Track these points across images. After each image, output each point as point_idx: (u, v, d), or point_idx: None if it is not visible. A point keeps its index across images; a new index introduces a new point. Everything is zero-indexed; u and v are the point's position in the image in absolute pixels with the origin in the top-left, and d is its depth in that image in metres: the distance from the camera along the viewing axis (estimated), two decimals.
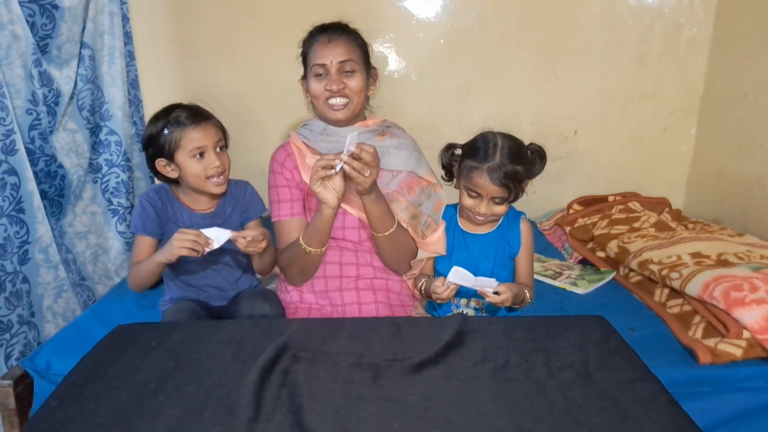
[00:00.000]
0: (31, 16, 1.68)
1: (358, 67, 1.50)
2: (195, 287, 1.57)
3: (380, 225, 1.46)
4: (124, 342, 1.28)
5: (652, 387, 1.10)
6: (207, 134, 1.45)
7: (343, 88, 1.48)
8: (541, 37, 2.47)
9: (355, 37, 1.53)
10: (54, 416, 1.03)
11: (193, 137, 1.43)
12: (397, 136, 1.61)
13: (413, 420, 1.01)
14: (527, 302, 1.49)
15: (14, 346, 1.63)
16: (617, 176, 2.64)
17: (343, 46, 1.49)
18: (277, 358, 1.17)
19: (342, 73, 1.48)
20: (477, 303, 1.53)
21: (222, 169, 1.47)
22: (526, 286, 1.49)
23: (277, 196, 1.56)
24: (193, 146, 1.43)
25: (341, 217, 1.54)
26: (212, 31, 2.45)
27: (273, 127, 2.56)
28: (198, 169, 1.44)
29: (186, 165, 1.44)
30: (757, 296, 1.47)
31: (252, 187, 1.63)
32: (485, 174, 1.39)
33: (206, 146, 1.44)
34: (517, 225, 1.52)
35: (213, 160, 1.45)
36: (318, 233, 1.45)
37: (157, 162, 1.47)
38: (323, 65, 1.48)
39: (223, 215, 1.55)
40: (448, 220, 1.55)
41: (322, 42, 1.49)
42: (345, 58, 1.48)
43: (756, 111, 2.18)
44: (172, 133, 1.43)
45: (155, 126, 1.46)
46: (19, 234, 1.65)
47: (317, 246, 1.46)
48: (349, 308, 1.54)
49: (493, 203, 1.43)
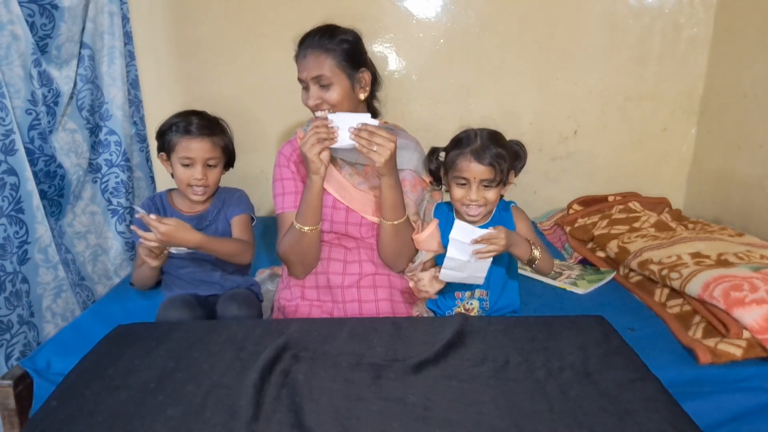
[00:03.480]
0: (31, 16, 1.68)
1: (334, 78, 1.46)
2: (187, 281, 1.62)
3: (392, 213, 1.46)
4: (124, 342, 1.28)
5: (652, 387, 1.10)
6: (200, 149, 1.53)
7: (320, 103, 1.47)
8: (541, 37, 2.47)
9: (333, 47, 1.47)
10: (54, 416, 1.03)
11: (185, 146, 1.53)
12: (401, 137, 1.62)
13: (413, 420, 1.01)
14: (537, 256, 1.43)
15: (14, 346, 1.63)
16: (617, 176, 2.64)
17: (314, 59, 1.45)
18: (277, 358, 1.17)
19: (319, 87, 1.47)
20: (481, 293, 1.53)
21: (203, 184, 1.55)
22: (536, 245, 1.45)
23: (282, 188, 1.57)
24: (183, 154, 1.53)
25: (344, 213, 1.56)
26: (212, 32, 2.45)
27: (272, 128, 2.56)
28: (182, 175, 1.55)
29: (175, 167, 1.56)
30: (757, 296, 1.47)
31: (243, 193, 1.68)
32: (470, 156, 1.40)
33: (194, 159, 1.53)
34: (508, 213, 1.53)
35: (196, 172, 1.54)
36: (310, 208, 1.45)
37: (159, 154, 1.59)
38: (302, 80, 1.49)
39: (208, 218, 1.62)
40: (444, 219, 1.55)
41: (301, 55, 1.49)
42: (316, 74, 1.45)
43: (756, 111, 2.18)
44: (173, 135, 1.54)
45: (168, 122, 1.57)
46: (18, 234, 1.65)
47: (311, 223, 1.47)
48: (350, 305, 1.55)
49: (483, 188, 1.42)
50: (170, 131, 1.54)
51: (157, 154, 1.61)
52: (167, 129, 1.55)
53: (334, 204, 1.56)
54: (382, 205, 1.47)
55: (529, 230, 1.52)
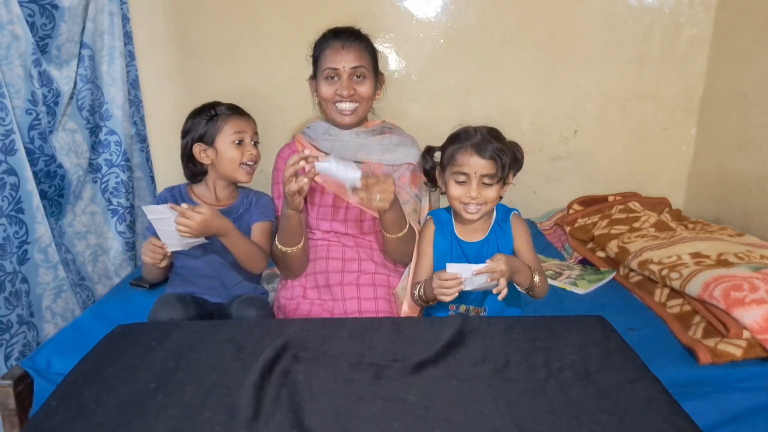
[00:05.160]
0: (31, 16, 1.68)
1: (368, 73, 1.53)
2: (189, 281, 1.58)
3: (394, 228, 1.47)
4: (124, 342, 1.28)
5: (652, 387, 1.10)
6: (248, 124, 1.56)
7: (353, 93, 1.51)
8: (541, 37, 2.47)
9: (367, 44, 1.56)
10: (54, 416, 1.03)
11: (236, 123, 1.54)
12: (398, 134, 1.66)
13: (413, 420, 1.01)
14: (537, 284, 1.40)
15: (14, 346, 1.63)
16: (617, 176, 2.64)
17: (355, 52, 1.52)
18: (277, 358, 1.17)
19: (353, 78, 1.51)
20: (476, 311, 1.50)
21: (255, 159, 1.56)
22: (536, 271, 1.42)
23: (280, 191, 1.57)
24: (234, 131, 1.53)
25: (343, 210, 1.57)
26: (212, 32, 2.44)
27: (272, 128, 2.54)
28: (235, 154, 1.53)
29: (225, 149, 1.53)
30: (757, 296, 1.47)
31: (270, 199, 1.66)
32: (470, 149, 1.37)
33: (246, 134, 1.54)
34: (507, 225, 1.47)
35: (250, 148, 1.55)
36: (288, 235, 1.49)
37: (195, 146, 1.54)
38: (335, 69, 1.51)
39: (233, 213, 1.57)
40: (444, 226, 1.51)
41: (336, 47, 1.52)
42: (357, 65, 1.51)
43: (756, 111, 2.18)
44: (216, 119, 1.54)
45: (199, 115, 1.55)
46: (18, 234, 1.65)
47: (293, 244, 1.50)
48: (349, 303, 1.55)
49: (483, 185, 1.37)
50: (206, 120, 1.52)
51: (185, 150, 1.55)
52: (201, 120, 1.53)
53: (334, 203, 1.56)
54: (383, 224, 1.47)
55: (527, 245, 1.46)
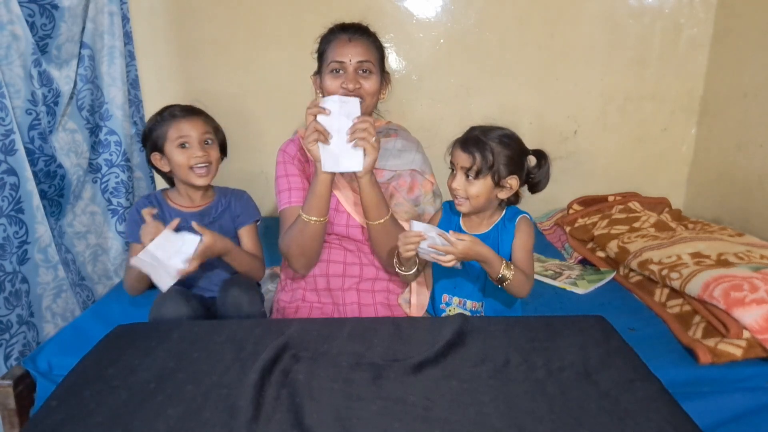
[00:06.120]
0: (31, 16, 1.68)
1: (374, 69, 1.50)
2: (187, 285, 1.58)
3: (375, 212, 1.44)
4: (124, 342, 1.28)
5: (652, 387, 1.10)
6: (192, 126, 1.52)
7: (358, 87, 1.47)
8: (541, 37, 2.47)
9: (374, 40, 1.54)
10: (54, 416, 1.03)
11: (177, 127, 1.51)
12: (403, 138, 1.64)
13: (413, 420, 1.01)
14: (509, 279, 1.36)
15: (14, 346, 1.63)
16: (617, 176, 2.64)
17: (362, 46, 1.49)
18: (277, 358, 1.17)
19: (358, 73, 1.48)
20: (474, 305, 1.52)
21: (206, 161, 1.52)
22: (516, 269, 1.39)
23: (288, 184, 1.55)
24: (177, 135, 1.50)
25: (345, 216, 1.55)
26: (212, 32, 2.44)
27: (272, 128, 2.56)
28: (181, 159, 1.51)
29: (172, 155, 1.51)
30: (757, 296, 1.47)
31: (249, 197, 1.65)
32: (457, 144, 1.43)
33: (190, 137, 1.51)
34: (513, 224, 1.48)
35: (196, 150, 1.51)
36: (316, 198, 1.42)
37: (152, 156, 1.55)
38: (341, 62, 1.47)
39: (211, 215, 1.57)
40: (452, 215, 1.54)
41: (343, 40, 1.49)
42: (363, 59, 1.48)
43: (756, 111, 2.18)
44: (162, 125, 1.53)
45: (150, 121, 1.56)
46: (18, 234, 1.65)
47: (317, 215, 1.43)
48: (350, 308, 1.55)
49: (465, 177, 1.40)
50: (156, 126, 1.53)
51: (148, 159, 1.58)
52: (152, 127, 1.54)
53: (336, 206, 1.55)
54: (364, 208, 1.45)
55: (523, 247, 1.45)
